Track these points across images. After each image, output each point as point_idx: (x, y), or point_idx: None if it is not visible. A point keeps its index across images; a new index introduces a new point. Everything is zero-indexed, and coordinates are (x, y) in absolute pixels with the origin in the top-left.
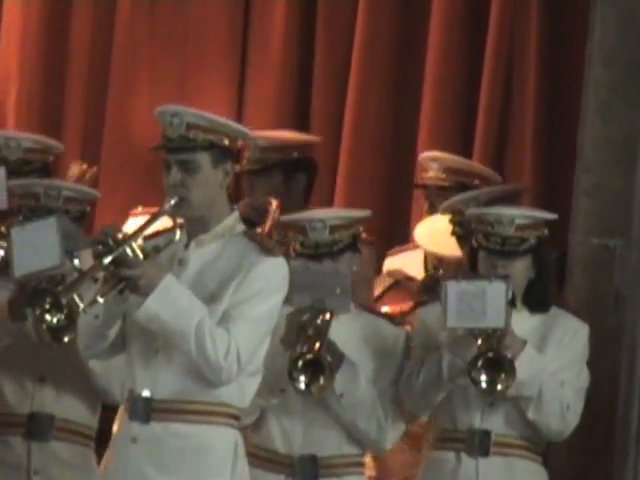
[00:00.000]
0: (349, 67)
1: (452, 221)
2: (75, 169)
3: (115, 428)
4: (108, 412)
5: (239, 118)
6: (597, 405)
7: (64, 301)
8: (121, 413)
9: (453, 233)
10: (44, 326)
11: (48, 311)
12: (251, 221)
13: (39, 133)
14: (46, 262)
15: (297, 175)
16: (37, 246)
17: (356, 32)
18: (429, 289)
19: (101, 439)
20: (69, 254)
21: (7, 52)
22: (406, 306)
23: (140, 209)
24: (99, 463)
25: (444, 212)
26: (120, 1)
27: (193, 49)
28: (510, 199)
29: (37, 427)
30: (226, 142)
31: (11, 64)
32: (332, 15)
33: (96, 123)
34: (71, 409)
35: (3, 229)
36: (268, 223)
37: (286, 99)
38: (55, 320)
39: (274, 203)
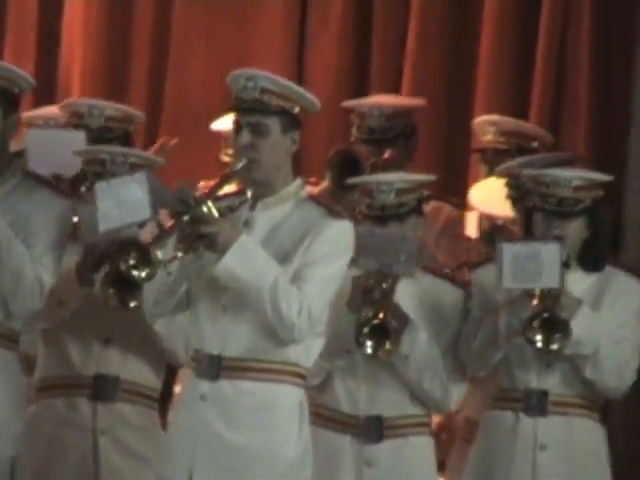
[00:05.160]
0: (407, 28)
1: (507, 184)
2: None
3: (178, 388)
4: (168, 375)
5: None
6: None
7: (153, 255)
8: (183, 373)
9: (508, 197)
10: (111, 291)
11: (134, 266)
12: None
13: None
14: (135, 216)
15: (413, 138)
16: (124, 201)
17: None
18: (492, 239)
19: (161, 401)
20: (156, 209)
21: (72, 19)
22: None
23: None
24: (162, 424)
25: (499, 176)
26: None
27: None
28: (564, 165)
29: (103, 388)
30: (296, 110)
31: (76, 31)
32: None
33: (158, 87)
34: (136, 371)
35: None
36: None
37: (346, 63)
38: (144, 274)
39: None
